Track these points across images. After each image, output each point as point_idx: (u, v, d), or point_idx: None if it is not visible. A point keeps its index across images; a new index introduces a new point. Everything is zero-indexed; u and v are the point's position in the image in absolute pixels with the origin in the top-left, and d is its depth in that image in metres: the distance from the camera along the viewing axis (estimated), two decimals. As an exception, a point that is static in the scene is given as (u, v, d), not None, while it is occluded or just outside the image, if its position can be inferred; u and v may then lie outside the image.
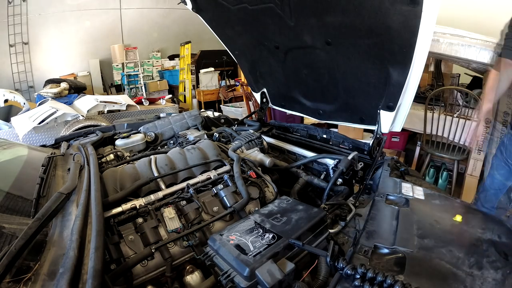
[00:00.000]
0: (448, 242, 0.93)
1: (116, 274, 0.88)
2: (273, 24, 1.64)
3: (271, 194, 1.35)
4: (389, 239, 0.97)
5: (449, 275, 0.81)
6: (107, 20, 7.41)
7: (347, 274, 0.78)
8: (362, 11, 1.23)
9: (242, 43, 2.04)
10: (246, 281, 0.78)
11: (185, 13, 4.90)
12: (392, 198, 1.22)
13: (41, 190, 1.14)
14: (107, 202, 1.08)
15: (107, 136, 1.97)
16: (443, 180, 3.22)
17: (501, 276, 0.80)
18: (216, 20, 1.99)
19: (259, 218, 1.01)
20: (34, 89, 6.49)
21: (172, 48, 8.09)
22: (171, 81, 7.53)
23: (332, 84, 1.74)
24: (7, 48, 6.35)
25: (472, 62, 2.69)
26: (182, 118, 2.19)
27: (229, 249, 0.86)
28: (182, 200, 1.17)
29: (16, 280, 0.72)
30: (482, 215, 1.11)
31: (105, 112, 4.14)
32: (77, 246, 0.76)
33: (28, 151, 1.61)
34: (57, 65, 6.91)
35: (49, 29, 6.74)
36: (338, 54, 1.53)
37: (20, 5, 6.31)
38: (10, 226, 0.93)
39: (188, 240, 1.03)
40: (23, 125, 3.47)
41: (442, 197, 1.21)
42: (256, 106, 4.07)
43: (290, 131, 2.15)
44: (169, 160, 1.39)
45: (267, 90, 2.29)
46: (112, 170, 1.32)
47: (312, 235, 0.95)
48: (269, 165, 1.52)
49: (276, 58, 1.91)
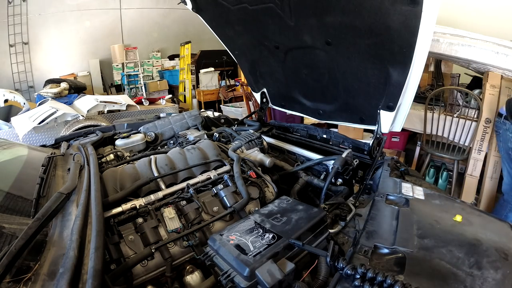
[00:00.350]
0: (448, 242, 0.93)
1: (116, 274, 0.88)
2: (273, 24, 1.64)
3: (271, 194, 1.35)
4: (389, 239, 0.97)
5: (449, 275, 0.81)
6: (107, 20, 7.41)
7: (347, 274, 0.78)
8: (362, 11, 1.23)
9: (242, 43, 2.04)
10: (246, 281, 0.78)
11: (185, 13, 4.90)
12: (392, 198, 1.22)
13: (41, 190, 1.14)
14: (107, 202, 1.08)
15: (107, 136, 1.97)
16: (443, 180, 3.22)
17: (501, 276, 0.80)
18: (216, 20, 1.99)
19: (259, 218, 1.01)
20: (34, 89, 6.49)
21: (172, 48, 8.09)
22: (171, 81, 7.53)
23: (332, 84, 1.74)
24: (7, 48, 6.36)
25: (472, 62, 2.69)
26: (182, 118, 2.19)
27: (229, 249, 0.86)
28: (182, 200, 1.17)
29: (16, 280, 0.72)
30: (482, 215, 1.11)
31: (105, 112, 4.14)
32: (77, 246, 0.76)
33: (28, 151, 1.60)
34: (57, 65, 6.91)
35: (49, 29, 6.75)
36: (338, 54, 1.53)
37: (20, 5, 6.31)
38: (10, 226, 0.93)
39: (188, 240, 1.03)
40: (23, 125, 3.47)
41: (442, 197, 1.21)
42: (256, 106, 4.07)
43: (290, 131, 2.15)
44: (169, 160, 1.39)
45: (267, 90, 2.29)
46: (112, 170, 1.32)
47: (312, 235, 0.95)
48: (269, 165, 1.52)
49: (276, 58, 1.91)
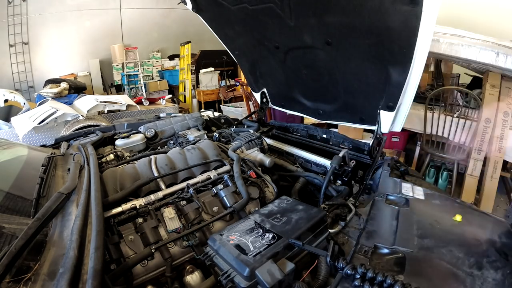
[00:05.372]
0: (448, 242, 0.93)
1: (116, 274, 0.88)
2: (273, 24, 1.64)
3: (271, 194, 1.35)
4: (389, 239, 0.97)
5: (449, 275, 0.81)
6: (107, 20, 7.41)
7: (347, 274, 0.78)
8: (362, 11, 1.23)
9: (242, 43, 2.04)
10: (246, 281, 0.78)
11: (185, 13, 4.90)
12: (392, 198, 1.22)
13: (41, 190, 1.14)
14: (107, 202, 1.08)
15: (107, 136, 1.97)
16: (443, 180, 3.22)
17: (501, 276, 0.80)
18: (216, 20, 1.99)
19: (259, 218, 1.01)
20: (34, 89, 6.49)
21: (172, 48, 8.09)
22: (171, 81, 7.52)
23: (332, 84, 1.74)
24: (7, 48, 6.35)
25: (472, 62, 2.69)
26: (183, 119, 2.19)
27: (229, 249, 0.86)
28: (182, 200, 1.17)
29: (16, 280, 0.72)
30: (482, 215, 1.11)
31: (105, 112, 4.14)
32: (77, 246, 0.76)
33: (28, 151, 1.60)
34: (57, 65, 6.91)
35: (49, 29, 6.74)
36: (338, 54, 1.53)
37: (20, 5, 6.31)
38: (10, 226, 0.93)
39: (188, 240, 1.03)
40: (23, 125, 3.47)
41: (442, 197, 1.21)
42: (256, 106, 4.07)
43: (290, 131, 2.15)
44: (169, 160, 1.39)
45: (267, 90, 2.29)
46: (112, 170, 1.32)
47: (312, 235, 0.95)
48: (269, 165, 1.51)
49: (276, 58, 1.91)
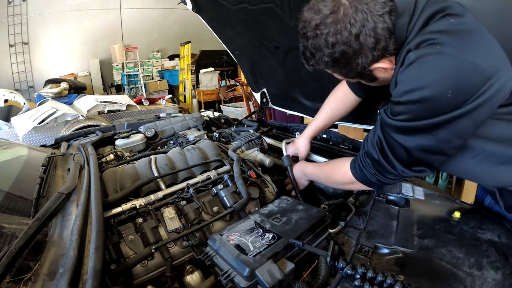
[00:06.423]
0: (448, 242, 0.93)
1: (116, 274, 0.87)
2: (273, 24, 1.64)
3: (271, 194, 1.35)
4: (389, 239, 0.97)
5: (449, 275, 0.81)
6: (107, 20, 7.42)
7: (347, 274, 0.78)
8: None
9: (242, 43, 2.04)
10: (246, 281, 0.78)
11: (185, 13, 4.90)
12: (392, 198, 1.22)
13: (41, 190, 1.14)
14: (107, 202, 1.08)
15: (107, 136, 1.96)
16: (443, 180, 3.22)
17: (501, 276, 0.80)
18: (216, 20, 1.99)
19: (259, 218, 1.01)
20: (34, 89, 6.50)
21: (172, 48, 8.10)
22: (171, 81, 7.53)
23: (332, 84, 1.74)
24: (7, 48, 6.37)
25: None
26: (184, 119, 2.19)
27: (229, 249, 0.85)
28: (182, 200, 1.16)
29: (16, 280, 0.72)
30: (482, 215, 1.11)
31: (105, 112, 4.14)
32: (77, 246, 0.76)
33: (28, 151, 1.60)
34: (57, 65, 6.93)
35: (49, 29, 6.75)
36: (338, 54, 1.53)
37: (20, 5, 6.32)
38: (10, 226, 0.93)
39: (188, 240, 1.03)
40: (23, 125, 3.47)
41: (442, 197, 1.21)
42: (256, 106, 4.07)
43: (290, 131, 2.15)
44: (169, 160, 1.39)
45: (267, 90, 2.29)
46: (112, 170, 1.32)
47: (312, 235, 0.95)
48: (269, 165, 1.51)
49: (276, 58, 1.91)
